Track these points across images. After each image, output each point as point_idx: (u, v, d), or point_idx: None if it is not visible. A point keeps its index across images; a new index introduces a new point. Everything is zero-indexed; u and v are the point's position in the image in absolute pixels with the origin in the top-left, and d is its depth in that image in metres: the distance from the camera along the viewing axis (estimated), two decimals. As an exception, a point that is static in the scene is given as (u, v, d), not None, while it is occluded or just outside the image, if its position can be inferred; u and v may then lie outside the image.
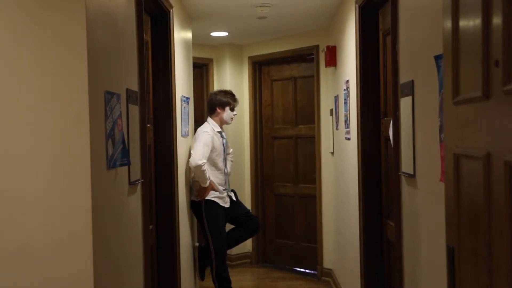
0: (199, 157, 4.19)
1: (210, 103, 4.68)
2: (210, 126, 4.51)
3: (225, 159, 4.57)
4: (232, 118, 4.66)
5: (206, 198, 4.38)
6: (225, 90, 4.76)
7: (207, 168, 4.26)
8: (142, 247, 2.78)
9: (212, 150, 4.37)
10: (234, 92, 4.87)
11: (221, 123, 4.61)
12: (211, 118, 4.61)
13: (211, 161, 4.39)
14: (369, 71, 3.53)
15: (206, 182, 4.28)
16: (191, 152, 4.28)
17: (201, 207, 4.40)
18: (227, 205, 4.55)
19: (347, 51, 4.13)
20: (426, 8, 2.21)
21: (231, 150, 4.78)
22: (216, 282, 4.53)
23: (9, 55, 1.97)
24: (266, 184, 6.21)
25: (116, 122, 2.29)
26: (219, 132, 4.54)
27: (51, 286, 2.00)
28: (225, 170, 4.58)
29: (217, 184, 4.45)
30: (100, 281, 2.06)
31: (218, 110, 4.59)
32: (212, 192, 4.40)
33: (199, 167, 4.18)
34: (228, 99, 4.61)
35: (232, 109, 4.62)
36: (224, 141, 4.59)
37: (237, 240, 4.78)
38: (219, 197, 4.47)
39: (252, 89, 6.15)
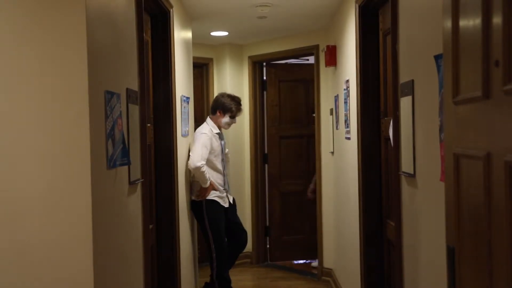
0: (197, 158, 4.19)
1: (214, 103, 4.66)
2: (208, 127, 4.50)
3: (223, 160, 4.57)
4: (229, 125, 4.63)
5: (207, 198, 4.38)
6: (233, 96, 4.68)
7: (206, 169, 4.27)
8: (142, 247, 2.78)
9: (210, 151, 4.37)
10: (234, 91, 4.86)
11: (219, 125, 4.60)
12: (211, 118, 4.60)
13: (209, 162, 4.39)
14: (369, 70, 3.53)
15: (207, 183, 4.29)
16: (190, 154, 4.27)
17: (202, 206, 4.40)
18: (226, 204, 4.56)
19: (347, 51, 4.13)
20: (426, 8, 2.21)
21: (227, 151, 4.78)
22: (216, 281, 4.53)
23: (9, 55, 1.97)
24: (272, 183, 6.24)
25: (116, 121, 2.29)
26: (218, 134, 4.53)
27: (51, 286, 2.00)
28: (224, 171, 4.58)
29: (217, 184, 4.45)
30: (100, 281, 2.06)
31: (218, 113, 4.57)
32: (213, 191, 4.41)
33: (198, 168, 4.18)
34: (232, 106, 4.56)
35: (232, 117, 4.59)
36: (223, 142, 4.58)
37: (231, 258, 4.71)
38: (220, 197, 4.48)
39: (252, 88, 6.15)
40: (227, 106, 4.55)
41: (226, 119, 4.56)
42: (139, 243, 2.74)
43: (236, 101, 4.63)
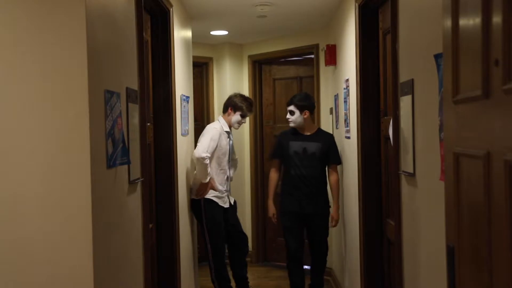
0: (203, 149, 4.20)
1: (226, 101, 4.69)
2: (219, 124, 4.53)
3: (229, 162, 4.57)
4: (239, 124, 4.63)
5: (205, 197, 4.38)
6: (246, 97, 4.72)
7: (209, 164, 4.26)
8: (142, 247, 2.78)
9: (218, 147, 4.38)
10: (234, 91, 4.85)
11: (229, 124, 4.61)
12: (222, 117, 4.63)
13: (216, 158, 4.39)
14: (369, 70, 3.53)
15: (207, 178, 4.27)
16: (198, 144, 4.30)
17: (201, 205, 4.40)
18: (226, 205, 4.53)
19: (347, 50, 4.13)
20: (426, 7, 2.21)
21: (236, 157, 4.78)
22: (216, 281, 4.52)
23: (9, 55, 1.98)
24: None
25: (116, 121, 2.29)
26: (227, 132, 4.54)
27: (51, 286, 2.00)
28: (228, 173, 4.57)
29: (217, 184, 4.44)
30: (100, 281, 2.06)
31: (229, 111, 4.60)
32: (211, 191, 4.40)
33: (201, 159, 4.17)
34: (243, 106, 4.58)
35: (242, 116, 4.60)
36: (231, 142, 4.58)
37: (232, 263, 4.71)
38: (218, 197, 4.46)
39: (252, 88, 6.14)
40: (238, 105, 4.58)
41: (236, 117, 4.57)
42: (139, 243, 2.74)
43: (248, 101, 4.67)
